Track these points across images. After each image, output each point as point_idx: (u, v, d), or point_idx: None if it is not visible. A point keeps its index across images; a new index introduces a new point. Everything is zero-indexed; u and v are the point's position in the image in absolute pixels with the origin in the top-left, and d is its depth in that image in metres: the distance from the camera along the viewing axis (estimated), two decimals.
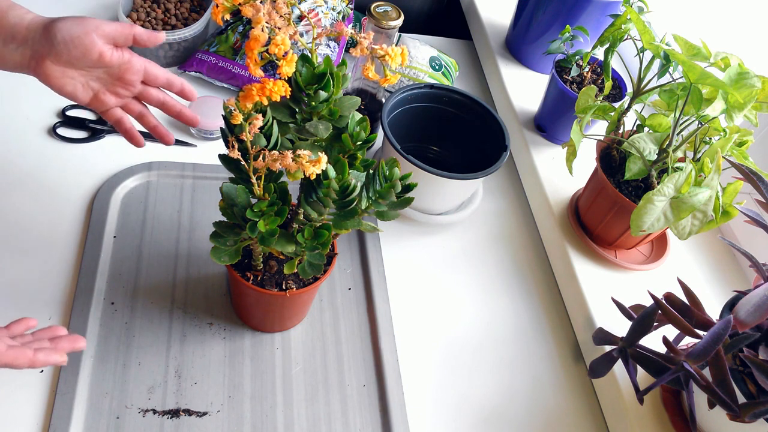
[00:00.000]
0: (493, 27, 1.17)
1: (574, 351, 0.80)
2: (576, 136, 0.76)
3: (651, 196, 0.66)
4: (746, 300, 0.57)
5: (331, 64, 0.55)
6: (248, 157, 0.52)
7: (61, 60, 0.57)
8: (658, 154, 0.75)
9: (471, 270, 0.86)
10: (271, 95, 0.48)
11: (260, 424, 0.66)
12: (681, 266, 0.86)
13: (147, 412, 0.64)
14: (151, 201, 0.81)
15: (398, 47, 0.50)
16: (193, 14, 1.03)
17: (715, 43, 0.71)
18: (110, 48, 0.59)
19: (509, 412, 0.73)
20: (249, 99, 0.48)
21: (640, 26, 0.72)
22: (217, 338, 0.71)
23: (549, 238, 0.89)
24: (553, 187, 0.91)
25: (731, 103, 0.66)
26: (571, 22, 0.99)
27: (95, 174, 0.83)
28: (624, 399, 0.70)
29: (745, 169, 0.63)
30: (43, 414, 0.62)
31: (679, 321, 0.60)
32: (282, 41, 0.47)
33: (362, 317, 0.77)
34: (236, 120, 0.49)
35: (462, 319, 0.80)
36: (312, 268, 0.61)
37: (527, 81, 1.08)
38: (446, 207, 0.87)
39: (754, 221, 0.63)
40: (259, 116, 0.50)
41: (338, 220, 0.59)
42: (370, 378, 0.72)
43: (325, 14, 1.01)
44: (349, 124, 0.58)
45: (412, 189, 0.60)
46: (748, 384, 0.58)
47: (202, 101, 0.90)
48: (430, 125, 0.92)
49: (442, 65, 1.05)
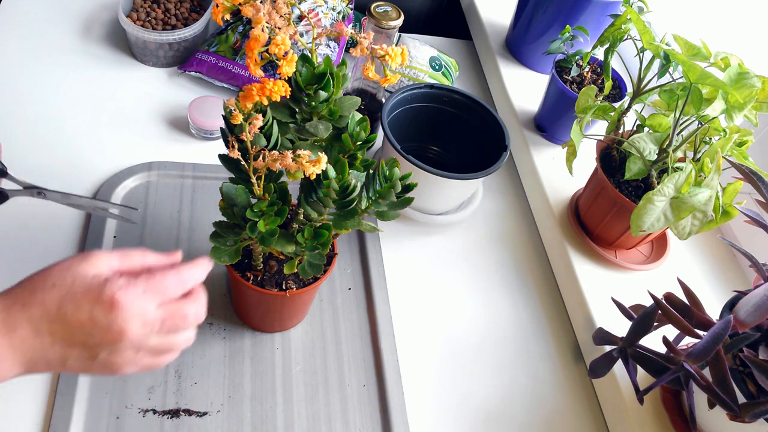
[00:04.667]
0: (493, 27, 1.17)
1: (574, 351, 0.80)
2: (576, 136, 0.76)
3: (651, 196, 0.66)
4: (746, 300, 0.57)
5: (331, 64, 0.55)
6: (248, 157, 0.52)
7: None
8: (658, 154, 0.75)
9: (471, 270, 0.86)
10: (271, 95, 0.47)
11: (260, 424, 0.66)
12: (681, 266, 0.86)
13: (147, 412, 0.64)
14: (151, 201, 0.81)
15: (398, 47, 0.50)
16: (193, 14, 1.03)
17: (715, 43, 0.71)
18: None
19: (509, 412, 0.73)
20: (249, 99, 0.48)
21: (640, 26, 0.72)
22: (217, 338, 0.71)
23: (549, 238, 0.89)
24: (553, 187, 0.91)
25: (731, 103, 0.66)
26: (571, 22, 0.99)
27: (95, 174, 0.83)
28: (624, 399, 0.70)
29: (745, 169, 0.63)
30: (43, 414, 0.62)
31: (679, 321, 0.60)
32: (282, 41, 0.47)
33: (362, 317, 0.77)
34: (236, 120, 0.49)
35: (462, 318, 0.80)
36: (312, 268, 0.62)
37: (527, 81, 1.08)
38: (446, 207, 0.87)
39: (754, 221, 0.63)
40: (259, 116, 0.50)
41: (338, 220, 0.59)
42: (370, 378, 0.72)
43: (325, 14, 1.01)
44: (349, 124, 0.58)
45: (412, 189, 0.60)
46: (748, 384, 0.58)
47: (202, 101, 0.90)
48: (430, 125, 0.92)
49: (442, 65, 1.05)
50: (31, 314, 0.45)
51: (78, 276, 0.46)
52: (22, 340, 0.45)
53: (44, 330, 0.45)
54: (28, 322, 0.45)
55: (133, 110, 0.92)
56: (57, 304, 0.45)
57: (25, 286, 0.46)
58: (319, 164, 0.49)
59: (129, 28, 0.93)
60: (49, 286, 0.46)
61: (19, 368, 0.46)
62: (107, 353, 0.46)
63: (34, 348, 0.45)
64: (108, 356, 0.47)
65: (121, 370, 0.48)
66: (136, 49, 0.98)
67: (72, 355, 0.46)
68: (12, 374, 0.46)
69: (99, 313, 0.45)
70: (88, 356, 0.46)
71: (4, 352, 0.44)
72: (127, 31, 0.95)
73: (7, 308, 0.45)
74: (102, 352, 0.46)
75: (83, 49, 0.99)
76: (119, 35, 1.02)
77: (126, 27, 0.94)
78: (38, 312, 0.45)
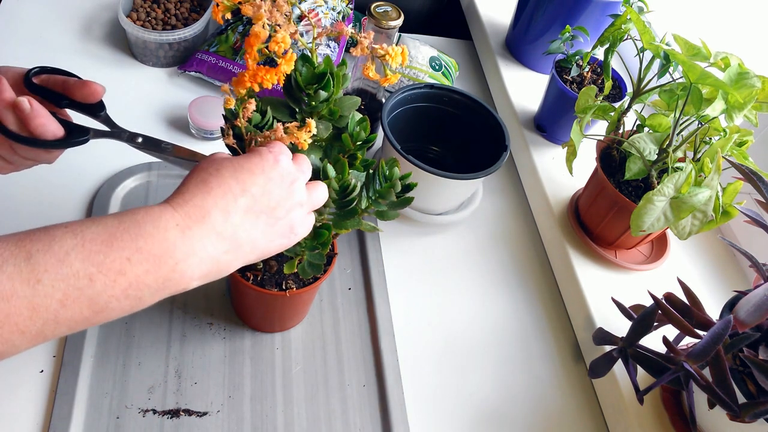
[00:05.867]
0: (493, 27, 1.17)
1: (574, 351, 0.80)
2: (576, 136, 0.76)
3: (651, 196, 0.66)
4: (746, 300, 0.57)
5: (331, 64, 0.55)
6: (244, 144, 0.53)
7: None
8: (658, 154, 0.75)
9: (471, 270, 0.86)
10: (262, 82, 0.48)
11: (260, 424, 0.66)
12: (681, 266, 0.86)
13: (147, 412, 0.64)
14: (151, 201, 0.81)
15: (399, 47, 0.50)
16: (193, 14, 1.03)
17: (715, 43, 0.71)
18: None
19: (509, 412, 0.73)
20: (241, 84, 0.49)
21: (640, 26, 0.72)
22: (217, 338, 0.71)
23: (549, 238, 0.89)
24: (553, 187, 0.91)
25: (731, 103, 0.66)
26: (571, 22, 0.99)
27: (95, 174, 0.83)
28: (624, 399, 0.70)
29: (745, 169, 0.63)
30: (43, 414, 0.62)
31: (679, 321, 0.60)
32: (283, 39, 0.47)
33: (362, 317, 0.77)
34: (229, 104, 0.50)
35: (462, 318, 0.80)
36: (312, 268, 0.62)
37: (527, 81, 1.08)
38: (446, 207, 0.87)
39: (754, 221, 0.63)
40: (252, 101, 0.51)
41: (338, 220, 0.59)
42: (370, 378, 0.72)
43: (325, 14, 1.01)
44: (349, 124, 0.58)
45: (412, 189, 0.60)
46: (748, 384, 0.58)
47: (202, 101, 0.90)
48: (430, 125, 0.92)
49: (442, 65, 1.05)
50: (215, 197, 0.46)
51: (229, 158, 0.49)
52: (214, 226, 0.45)
53: (232, 207, 0.46)
54: (215, 206, 0.46)
55: (133, 110, 0.92)
56: (233, 178, 0.47)
57: (188, 183, 0.47)
58: (309, 129, 0.51)
59: (129, 28, 0.93)
60: (214, 172, 0.47)
61: (210, 264, 0.46)
62: (285, 212, 0.50)
63: (226, 232, 0.46)
64: (287, 216, 0.50)
65: (296, 231, 0.52)
66: (136, 49, 0.98)
67: (259, 228, 0.48)
68: (204, 268, 0.46)
69: (269, 168, 0.48)
70: (272, 222, 0.49)
71: (201, 242, 0.45)
72: (127, 31, 0.95)
73: (189, 200, 0.46)
74: (281, 212, 0.49)
75: (83, 49, 0.99)
76: (119, 35, 1.02)
77: (126, 27, 0.94)
78: (221, 190, 0.46)
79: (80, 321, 0.41)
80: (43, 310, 0.39)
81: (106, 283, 0.41)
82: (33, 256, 0.39)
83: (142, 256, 0.42)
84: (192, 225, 0.45)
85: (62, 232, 0.41)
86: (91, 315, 0.41)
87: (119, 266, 0.41)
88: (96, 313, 0.42)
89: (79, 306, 0.40)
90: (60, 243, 0.40)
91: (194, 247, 0.44)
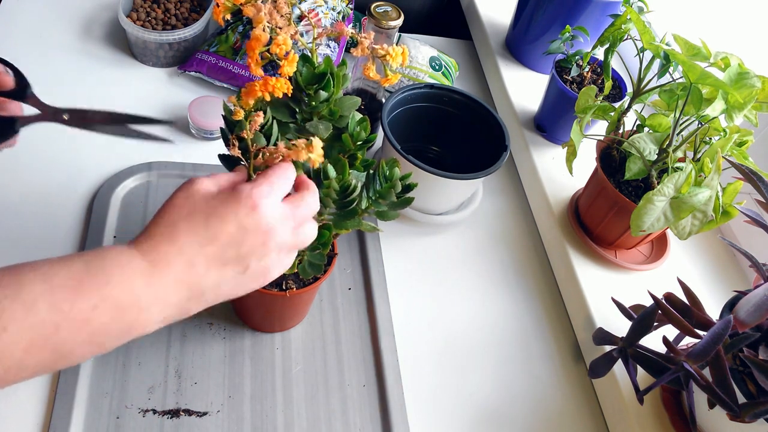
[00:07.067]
0: (493, 27, 1.17)
1: (574, 351, 0.80)
2: (576, 136, 0.76)
3: (651, 196, 0.66)
4: (746, 300, 0.57)
5: (332, 64, 0.55)
6: (248, 155, 0.52)
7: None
8: (658, 154, 0.75)
9: (471, 270, 0.86)
10: (273, 91, 0.48)
11: (260, 424, 0.66)
12: (681, 266, 0.86)
13: (147, 412, 0.64)
14: (151, 201, 0.81)
15: (399, 47, 0.50)
16: (193, 14, 1.03)
17: (715, 43, 0.71)
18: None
19: (509, 412, 0.73)
20: (252, 95, 0.48)
21: (640, 26, 0.72)
22: (217, 338, 0.71)
23: (549, 238, 0.89)
24: (553, 187, 0.91)
25: (731, 103, 0.66)
26: (571, 22, 0.99)
27: (95, 174, 0.83)
28: (624, 399, 0.70)
29: (745, 169, 0.63)
30: (43, 414, 0.62)
31: (679, 321, 0.60)
32: (284, 41, 0.47)
33: (362, 317, 0.77)
34: (238, 116, 0.49)
35: (462, 318, 0.80)
36: (312, 268, 0.62)
37: (527, 81, 1.08)
38: (446, 207, 0.87)
39: (754, 221, 0.63)
40: (261, 113, 0.50)
41: (338, 220, 0.59)
42: (370, 378, 0.72)
43: (325, 14, 1.01)
44: (349, 124, 0.58)
45: (412, 189, 0.60)
46: (748, 384, 0.58)
47: (202, 101, 0.90)
48: (430, 125, 0.92)
49: (442, 65, 1.05)
50: (180, 245, 0.44)
51: (205, 196, 0.46)
52: (176, 276, 0.44)
53: (197, 258, 0.45)
54: (179, 255, 0.44)
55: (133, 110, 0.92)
56: (203, 225, 0.45)
57: (158, 225, 0.46)
58: (313, 149, 0.49)
59: (129, 28, 0.93)
60: (185, 215, 0.45)
61: (173, 310, 0.45)
62: (257, 260, 0.47)
63: (189, 281, 0.45)
64: (258, 263, 0.47)
65: (270, 274, 0.49)
66: (136, 49, 0.98)
67: (225, 277, 0.46)
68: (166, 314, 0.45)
69: (244, 217, 0.45)
70: (241, 270, 0.47)
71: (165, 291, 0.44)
72: (127, 31, 0.95)
73: (155, 247, 0.44)
74: (252, 261, 0.47)
75: (83, 49, 0.99)
76: (119, 35, 1.02)
77: (126, 27, 0.94)
78: (188, 240, 0.45)
79: (44, 367, 0.41)
80: (8, 358, 0.39)
81: (71, 331, 0.41)
82: (0, 303, 0.39)
83: (107, 305, 0.42)
84: (155, 273, 0.44)
85: (31, 278, 0.41)
86: (54, 361, 0.41)
87: (86, 315, 0.41)
88: (58, 359, 0.42)
89: (44, 353, 0.40)
90: (29, 289, 0.40)
91: (157, 296, 0.44)
